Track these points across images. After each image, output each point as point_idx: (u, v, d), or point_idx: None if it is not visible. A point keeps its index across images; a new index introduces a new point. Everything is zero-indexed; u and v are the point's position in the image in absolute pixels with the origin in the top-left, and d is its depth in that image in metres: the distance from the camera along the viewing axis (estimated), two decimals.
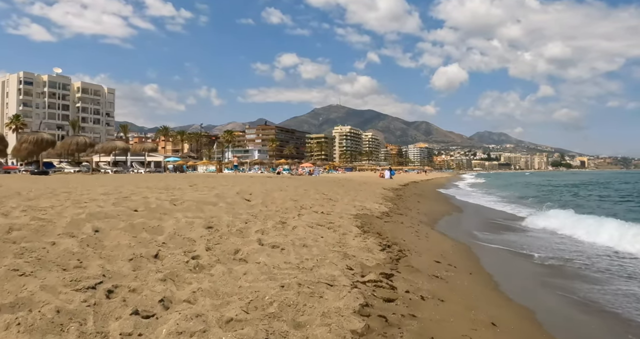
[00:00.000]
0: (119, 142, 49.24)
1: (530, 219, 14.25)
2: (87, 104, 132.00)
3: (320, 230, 6.98)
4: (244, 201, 9.21)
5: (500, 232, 11.54)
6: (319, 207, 10.04)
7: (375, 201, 14.72)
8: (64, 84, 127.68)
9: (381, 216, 10.81)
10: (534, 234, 11.56)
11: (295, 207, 9.50)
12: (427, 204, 20.08)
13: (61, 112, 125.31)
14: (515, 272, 7.13)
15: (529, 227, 12.95)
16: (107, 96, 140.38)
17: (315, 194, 13.78)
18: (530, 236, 11.14)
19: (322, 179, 33.69)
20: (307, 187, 16.98)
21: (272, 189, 14.53)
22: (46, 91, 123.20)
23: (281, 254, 5.01)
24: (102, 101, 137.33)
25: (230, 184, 15.74)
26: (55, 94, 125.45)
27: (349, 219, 8.75)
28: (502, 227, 12.90)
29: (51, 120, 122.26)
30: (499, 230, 12.03)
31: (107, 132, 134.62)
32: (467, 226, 13.14)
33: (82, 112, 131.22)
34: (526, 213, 16.30)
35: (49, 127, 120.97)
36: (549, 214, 14.23)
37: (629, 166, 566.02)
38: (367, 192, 19.13)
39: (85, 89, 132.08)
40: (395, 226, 9.31)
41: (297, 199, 11.54)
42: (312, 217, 8.28)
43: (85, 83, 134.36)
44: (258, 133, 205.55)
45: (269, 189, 14.52)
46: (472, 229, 12.30)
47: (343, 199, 13.39)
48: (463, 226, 13.04)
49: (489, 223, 13.65)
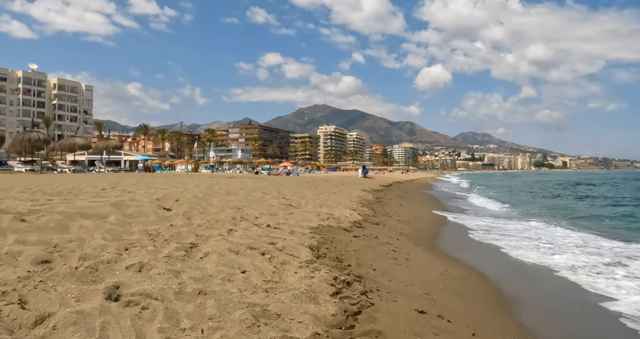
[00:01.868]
0: (78, 139, 46.11)
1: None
2: (63, 101, 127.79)
3: (248, 258, 4.67)
4: (159, 211, 6.84)
5: (504, 236, 9.43)
6: (268, 218, 7.70)
7: (349, 206, 12.42)
8: (39, 81, 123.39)
9: (351, 227, 8.52)
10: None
11: (232, 218, 7.17)
12: (410, 207, 17.89)
13: (36, 109, 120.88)
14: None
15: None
16: (85, 93, 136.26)
17: (273, 199, 11.40)
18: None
19: (297, 179, 31.23)
20: (268, 190, 14.60)
21: (219, 192, 12.12)
22: (20, 87, 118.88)
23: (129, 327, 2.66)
24: (80, 98, 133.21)
25: (173, 187, 13.30)
26: (30, 90, 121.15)
27: (302, 236, 6.45)
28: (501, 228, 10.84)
29: (25, 117, 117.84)
30: (502, 230, 9.97)
31: (85, 131, 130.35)
32: (459, 234, 10.99)
33: (59, 109, 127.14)
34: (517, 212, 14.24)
35: (24, 124, 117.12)
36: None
37: (610, 167, 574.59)
38: (342, 194, 16.80)
39: (62, 85, 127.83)
40: (366, 243, 7.03)
41: (244, 206, 9.17)
42: (248, 234, 5.95)
43: (62, 79, 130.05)
44: (242, 132, 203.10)
45: (216, 191, 12.11)
46: (467, 236, 10.16)
47: (307, 205, 11.06)
48: (455, 234, 10.89)
49: (486, 225, 11.59)
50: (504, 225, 13.43)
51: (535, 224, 13.89)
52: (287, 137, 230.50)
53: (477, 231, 11.83)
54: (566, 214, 18.08)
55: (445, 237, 10.54)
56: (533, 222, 14.29)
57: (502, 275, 6.65)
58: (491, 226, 13.14)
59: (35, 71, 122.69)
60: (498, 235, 11.08)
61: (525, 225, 13.53)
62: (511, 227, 12.94)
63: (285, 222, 7.46)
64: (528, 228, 12.75)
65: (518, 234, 11.31)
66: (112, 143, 52.02)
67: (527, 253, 8.50)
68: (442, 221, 13.96)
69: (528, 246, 9.34)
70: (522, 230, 12.22)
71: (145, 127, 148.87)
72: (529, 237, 10.85)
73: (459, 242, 9.92)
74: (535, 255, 8.32)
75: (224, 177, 29.12)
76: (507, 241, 10.05)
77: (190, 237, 5.23)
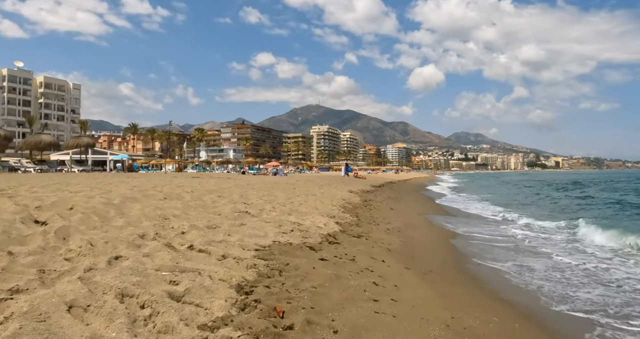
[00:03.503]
0: (44, 136, 43.50)
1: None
2: (50, 100, 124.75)
3: (96, 320, 2.52)
4: (21, 227, 4.66)
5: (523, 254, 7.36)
6: (198, 234, 5.48)
7: (327, 212, 10.21)
8: (25, 79, 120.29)
9: (320, 243, 6.34)
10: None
11: (140, 235, 4.97)
12: (403, 212, 15.73)
13: (22, 108, 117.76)
14: None
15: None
16: (73, 91, 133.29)
17: (226, 205, 9.13)
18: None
19: (280, 179, 28.85)
20: (230, 192, 12.29)
21: (154, 195, 9.79)
22: (5, 86, 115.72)
23: None
24: (67, 97, 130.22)
25: (110, 186, 11.09)
26: (16, 88, 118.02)
27: (237, 264, 4.28)
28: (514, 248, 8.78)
29: (10, 116, 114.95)
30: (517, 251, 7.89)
31: (72, 130, 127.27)
32: (463, 247, 8.87)
33: (45, 108, 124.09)
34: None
35: (9, 124, 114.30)
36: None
37: (602, 166, 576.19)
38: (324, 197, 14.55)
39: (49, 84, 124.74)
40: (335, 272, 4.86)
41: (176, 215, 6.94)
42: (139, 267, 3.74)
43: (49, 78, 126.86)
44: (234, 132, 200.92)
45: (151, 195, 9.77)
46: (472, 248, 8.02)
47: (271, 212, 8.83)
48: (457, 248, 8.76)
49: (491, 234, 9.48)
50: (505, 232, 11.33)
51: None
52: (279, 137, 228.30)
53: (481, 242, 9.71)
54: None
55: (444, 252, 8.42)
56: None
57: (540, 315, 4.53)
58: (493, 234, 11.05)
59: (21, 69, 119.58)
60: (503, 250, 8.96)
61: (529, 232, 11.43)
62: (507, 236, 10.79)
63: (224, 239, 5.29)
64: (543, 237, 10.65)
65: (532, 249, 9.21)
66: (83, 141, 49.24)
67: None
68: (440, 230, 11.85)
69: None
70: (529, 241, 10.12)
71: (134, 126, 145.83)
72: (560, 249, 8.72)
73: (462, 259, 7.79)
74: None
75: (202, 177, 26.87)
76: (514, 259, 7.93)
77: (14, 279, 3.05)
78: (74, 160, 56.97)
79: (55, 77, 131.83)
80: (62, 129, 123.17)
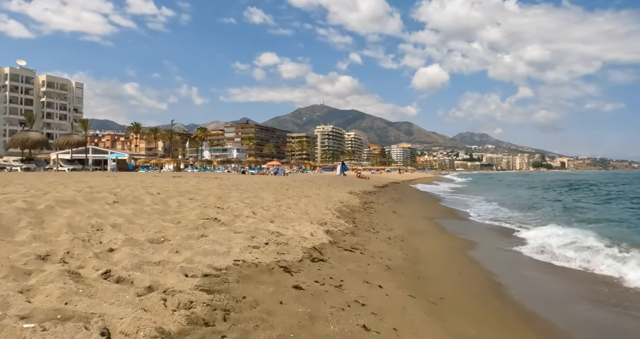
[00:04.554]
0: (32, 134, 42.11)
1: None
2: (52, 99, 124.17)
3: None
4: None
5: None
6: (127, 253, 4.05)
7: (318, 218, 8.79)
8: (27, 77, 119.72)
9: (301, 261, 4.93)
10: None
11: (47, 256, 3.64)
12: (407, 215, 14.28)
13: (24, 107, 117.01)
14: None
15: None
16: (75, 90, 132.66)
17: (193, 210, 7.60)
18: None
19: (277, 179, 27.37)
20: (207, 193, 10.79)
21: (102, 198, 8.37)
22: (7, 84, 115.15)
23: None
24: (70, 96, 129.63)
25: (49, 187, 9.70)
26: (18, 87, 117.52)
27: (160, 302, 2.93)
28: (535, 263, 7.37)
29: (12, 115, 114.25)
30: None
31: (75, 129, 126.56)
32: (486, 262, 7.47)
33: (48, 107, 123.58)
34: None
35: (11, 122, 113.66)
36: None
37: (607, 167, 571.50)
38: (319, 199, 13.10)
39: (51, 83, 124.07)
40: (311, 308, 3.46)
41: (121, 223, 5.53)
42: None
43: (51, 77, 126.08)
44: (237, 132, 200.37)
45: (97, 198, 8.36)
46: (500, 269, 6.62)
47: (249, 218, 7.36)
48: (479, 263, 7.36)
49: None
50: (528, 241, 9.90)
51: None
52: (283, 136, 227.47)
53: (507, 251, 8.28)
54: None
55: (460, 269, 7.00)
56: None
57: None
58: (516, 243, 9.62)
59: (23, 68, 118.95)
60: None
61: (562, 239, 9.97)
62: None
63: (165, 260, 3.91)
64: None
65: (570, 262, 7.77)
66: (74, 139, 47.80)
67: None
68: (451, 237, 10.43)
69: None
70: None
71: (137, 125, 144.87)
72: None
73: (484, 279, 6.39)
74: None
75: (184, 176, 25.58)
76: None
77: None
78: (75, 159, 55.88)
79: (58, 76, 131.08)
80: (65, 127, 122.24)
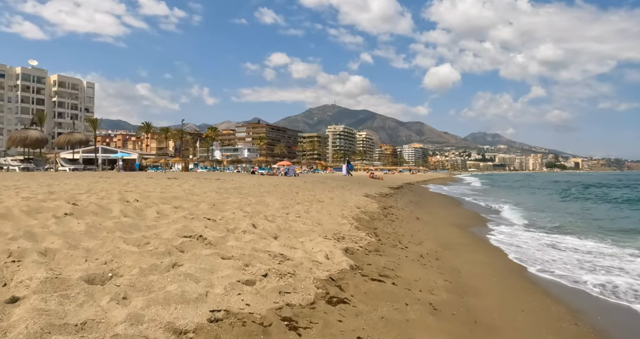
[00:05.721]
0: (31, 132, 40.85)
1: None
2: (64, 98, 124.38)
3: None
4: None
5: None
6: (28, 309, 2.65)
7: (335, 231, 7.28)
8: (38, 77, 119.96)
9: (312, 305, 3.37)
10: None
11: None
12: (433, 223, 12.54)
13: (35, 106, 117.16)
14: None
15: None
16: (87, 90, 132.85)
17: (178, 222, 5.80)
18: None
19: (286, 180, 25.80)
20: (200, 201, 9.01)
21: (54, 208, 6.68)
22: (19, 84, 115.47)
23: None
24: (81, 96, 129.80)
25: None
26: (29, 87, 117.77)
27: None
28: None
29: (24, 115, 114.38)
30: None
31: (86, 129, 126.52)
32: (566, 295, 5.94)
33: (59, 107, 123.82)
34: None
35: (22, 122, 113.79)
36: None
37: (622, 168, 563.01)
38: (333, 204, 11.50)
39: (62, 82, 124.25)
40: None
41: (57, 249, 3.86)
42: None
43: (62, 76, 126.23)
44: (249, 131, 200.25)
45: (46, 208, 6.67)
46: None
47: (244, 235, 5.44)
48: (551, 294, 5.81)
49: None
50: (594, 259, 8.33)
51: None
52: (295, 136, 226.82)
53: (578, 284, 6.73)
54: None
55: (530, 306, 5.42)
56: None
57: None
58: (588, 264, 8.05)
59: (35, 68, 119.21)
60: None
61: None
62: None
63: (91, 319, 2.46)
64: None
65: None
66: (75, 137, 46.41)
67: None
68: (495, 251, 8.87)
69: None
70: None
71: (148, 125, 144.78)
72: None
73: (562, 319, 4.87)
74: None
75: (181, 177, 24.29)
76: None
77: None
78: (82, 159, 54.99)
79: (69, 76, 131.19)
80: (76, 127, 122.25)
